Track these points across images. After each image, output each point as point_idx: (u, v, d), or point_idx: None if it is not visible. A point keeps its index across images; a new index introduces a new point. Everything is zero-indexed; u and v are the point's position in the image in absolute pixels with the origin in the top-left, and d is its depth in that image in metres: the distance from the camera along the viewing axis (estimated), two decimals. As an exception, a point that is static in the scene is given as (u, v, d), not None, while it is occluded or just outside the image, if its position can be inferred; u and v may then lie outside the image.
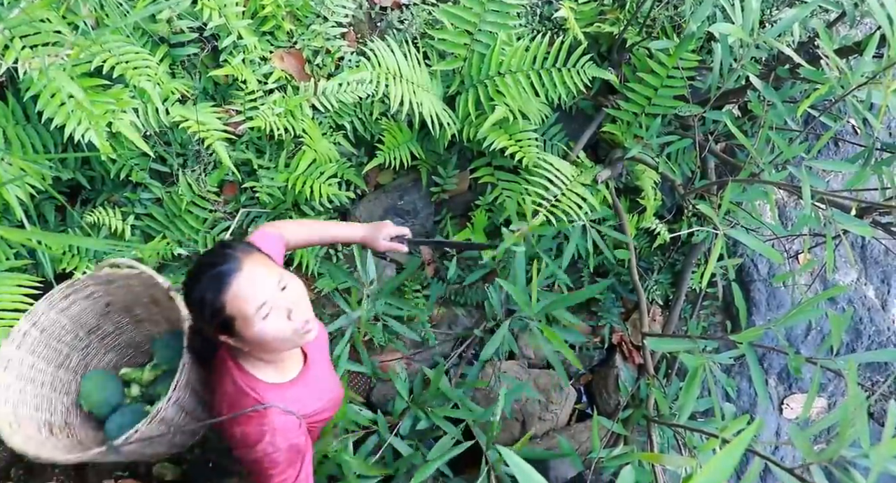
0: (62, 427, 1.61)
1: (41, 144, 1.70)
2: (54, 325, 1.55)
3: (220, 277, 1.16)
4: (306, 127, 1.99)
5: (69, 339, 1.62)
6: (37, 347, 1.55)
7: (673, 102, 2.17)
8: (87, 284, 1.53)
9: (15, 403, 1.48)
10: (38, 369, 1.57)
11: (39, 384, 1.58)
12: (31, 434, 1.47)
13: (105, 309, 1.65)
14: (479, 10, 2.04)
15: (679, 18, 2.19)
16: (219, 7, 1.79)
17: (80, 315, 1.60)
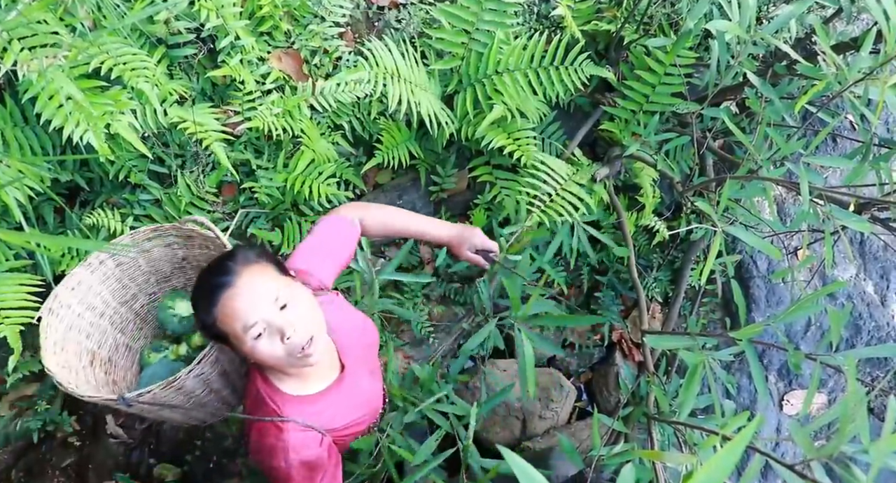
0: (104, 362, 1.64)
1: (39, 146, 1.70)
2: (132, 262, 1.59)
3: (211, 291, 1.12)
4: (304, 127, 1.99)
5: (141, 280, 1.68)
6: (108, 279, 1.59)
7: (671, 100, 2.17)
8: (170, 233, 1.58)
9: (69, 326, 1.51)
10: (102, 299, 1.61)
11: (99, 314, 1.62)
12: (70, 360, 1.48)
13: (181, 262, 1.70)
14: (477, 9, 2.04)
15: (676, 16, 2.19)
16: (216, 8, 1.79)
17: (158, 261, 1.65)
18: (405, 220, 1.60)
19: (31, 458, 2.17)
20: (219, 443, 2.24)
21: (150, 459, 2.22)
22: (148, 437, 2.24)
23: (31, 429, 2.06)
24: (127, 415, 2.24)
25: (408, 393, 1.97)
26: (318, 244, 1.44)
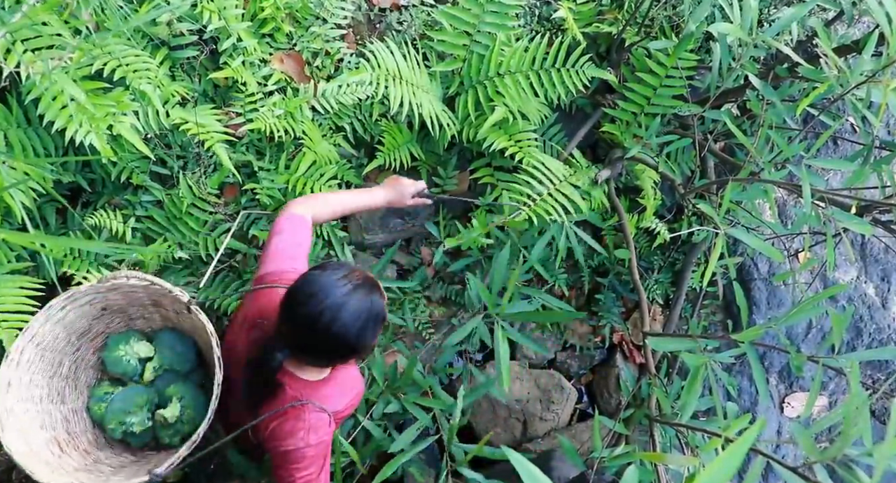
0: (67, 440, 1.59)
1: (42, 147, 1.70)
2: (49, 336, 1.53)
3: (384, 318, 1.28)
4: (306, 129, 1.99)
5: (62, 346, 1.60)
6: (33, 362, 1.52)
7: (672, 102, 2.17)
8: (88, 293, 1.52)
9: (23, 429, 1.45)
10: (34, 385, 1.54)
11: (38, 400, 1.55)
12: (47, 458, 1.46)
13: (100, 313, 1.64)
14: (478, 11, 2.04)
15: (678, 18, 2.19)
16: (219, 9, 1.79)
17: (74, 321, 1.58)
18: (344, 200, 1.73)
19: (32, 459, 2.17)
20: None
21: (152, 461, 2.22)
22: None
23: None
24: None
25: (392, 384, 2.01)
26: (287, 244, 1.52)
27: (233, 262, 2.15)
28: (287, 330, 1.26)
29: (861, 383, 2.65)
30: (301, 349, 1.29)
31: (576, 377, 2.80)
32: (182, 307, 1.52)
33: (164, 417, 1.63)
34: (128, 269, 1.91)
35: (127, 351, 1.67)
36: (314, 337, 1.23)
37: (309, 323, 1.21)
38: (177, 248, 1.95)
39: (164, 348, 1.70)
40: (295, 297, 1.24)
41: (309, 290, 1.22)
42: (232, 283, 2.19)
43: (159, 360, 1.69)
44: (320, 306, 1.20)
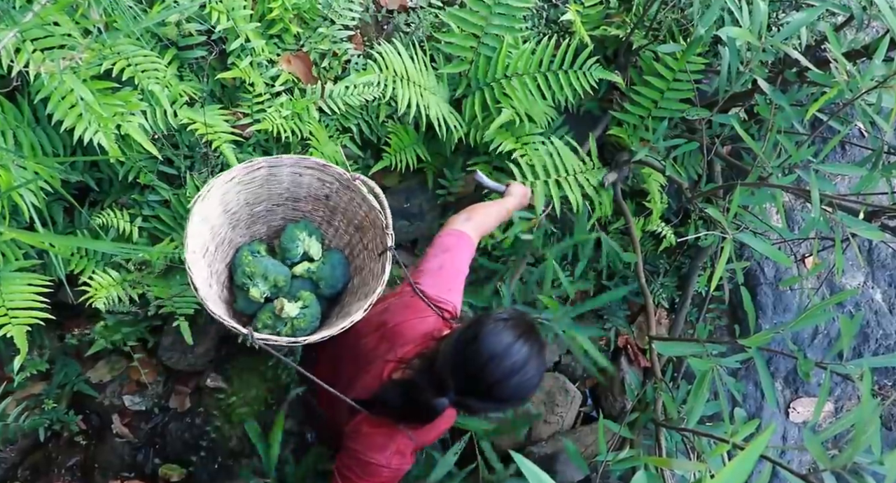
0: (209, 252, 1.73)
1: (50, 147, 1.71)
2: (280, 178, 1.68)
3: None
4: (313, 129, 1.99)
5: (276, 193, 1.77)
6: (252, 183, 1.66)
7: (679, 105, 2.17)
8: (331, 175, 1.66)
9: (203, 217, 1.58)
10: (236, 199, 1.69)
11: (224, 211, 1.69)
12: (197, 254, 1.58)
13: (323, 199, 1.81)
14: (486, 13, 2.04)
15: (686, 21, 2.19)
16: (227, 10, 1.79)
17: (302, 187, 1.74)
18: (496, 212, 1.73)
19: (37, 456, 2.17)
20: (224, 444, 2.24)
21: (156, 459, 2.23)
22: (154, 438, 2.24)
23: (38, 426, 2.06)
24: (133, 415, 2.25)
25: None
26: (450, 269, 1.52)
27: (239, 263, 2.15)
28: (456, 383, 1.23)
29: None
30: (464, 402, 1.26)
31: (580, 380, 2.79)
32: (378, 246, 1.67)
33: (282, 306, 1.76)
34: (136, 267, 1.92)
35: (304, 240, 1.85)
36: (489, 399, 1.22)
37: (487, 387, 1.20)
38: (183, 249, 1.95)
39: (329, 262, 1.86)
40: (471, 357, 1.21)
41: (487, 352, 1.20)
42: (237, 283, 2.19)
43: (318, 268, 1.85)
44: (500, 372, 1.19)
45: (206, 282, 1.63)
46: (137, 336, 2.14)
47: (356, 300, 1.75)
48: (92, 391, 2.18)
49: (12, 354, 1.68)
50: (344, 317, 1.60)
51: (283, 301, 1.77)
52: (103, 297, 1.77)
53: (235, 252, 1.86)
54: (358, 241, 1.86)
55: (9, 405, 2.01)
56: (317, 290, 1.87)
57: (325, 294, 1.87)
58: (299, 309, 1.78)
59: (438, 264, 1.51)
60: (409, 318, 1.45)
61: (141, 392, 2.25)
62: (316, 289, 1.87)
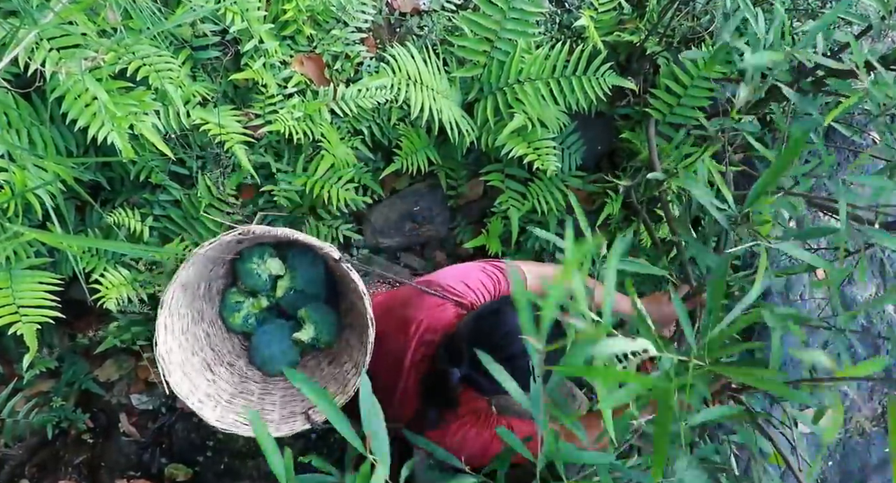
0: (213, 358, 1.73)
1: (64, 145, 1.71)
2: (192, 273, 1.63)
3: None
4: (325, 131, 1.99)
5: (200, 275, 1.72)
6: (179, 298, 1.63)
7: (694, 113, 2.15)
8: (232, 237, 1.59)
9: (181, 362, 1.57)
10: (180, 316, 1.65)
11: (184, 329, 1.67)
12: (206, 389, 1.58)
13: (237, 243, 1.75)
14: (500, 17, 2.04)
15: (701, 29, 2.18)
16: (241, 11, 1.80)
17: (212, 255, 1.68)
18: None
19: (44, 454, 2.18)
20: (231, 444, 2.24)
21: (162, 459, 2.23)
22: (160, 437, 2.25)
23: (46, 423, 2.07)
24: (140, 414, 2.25)
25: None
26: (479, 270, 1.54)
27: (248, 263, 2.16)
28: (471, 356, 1.24)
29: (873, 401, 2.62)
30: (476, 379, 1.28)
31: (587, 386, 2.78)
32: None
33: (300, 340, 1.79)
34: (146, 266, 1.92)
35: (259, 265, 1.82)
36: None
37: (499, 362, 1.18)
38: (193, 248, 1.96)
39: (297, 270, 1.84)
40: (489, 330, 1.23)
41: (506, 327, 1.21)
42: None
43: (291, 281, 1.84)
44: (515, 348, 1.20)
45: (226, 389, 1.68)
46: (147, 335, 2.15)
47: (352, 294, 1.73)
48: (100, 390, 2.19)
49: (22, 352, 1.68)
50: (357, 315, 1.63)
51: (297, 338, 1.78)
52: (114, 297, 1.78)
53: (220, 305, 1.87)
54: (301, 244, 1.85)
55: (18, 402, 2.01)
56: (309, 300, 1.84)
57: (318, 296, 1.86)
58: (313, 329, 1.78)
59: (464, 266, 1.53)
60: (429, 312, 1.45)
61: (148, 391, 2.25)
62: (308, 296, 1.85)
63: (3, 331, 1.63)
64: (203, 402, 1.52)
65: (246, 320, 1.85)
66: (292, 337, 1.82)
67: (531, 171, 2.26)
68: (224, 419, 1.51)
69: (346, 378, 1.62)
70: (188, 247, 1.95)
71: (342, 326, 1.87)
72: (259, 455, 2.26)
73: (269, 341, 1.82)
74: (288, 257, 1.88)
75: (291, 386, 1.78)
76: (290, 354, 1.83)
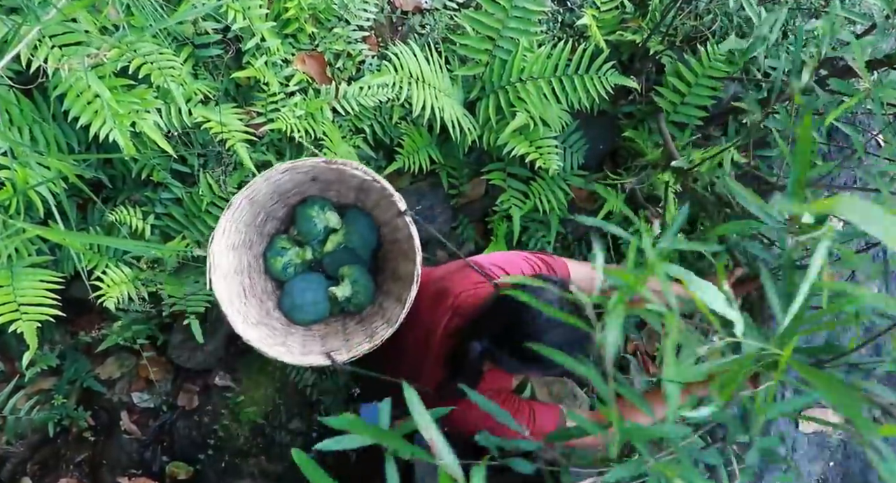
0: (249, 286, 1.75)
1: (65, 143, 1.71)
2: (262, 192, 1.65)
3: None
4: (326, 130, 1.99)
5: (265, 200, 1.74)
6: (243, 211, 1.64)
7: (697, 111, 2.15)
8: (309, 166, 1.59)
9: (225, 274, 1.58)
10: (237, 231, 1.67)
11: (236, 246, 1.69)
12: (238, 307, 1.59)
13: (309, 181, 1.76)
14: (502, 16, 2.03)
15: (703, 28, 2.18)
16: (243, 9, 1.79)
17: (285, 184, 1.70)
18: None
19: (46, 452, 2.18)
20: (232, 443, 2.24)
21: (163, 457, 2.23)
22: (161, 435, 2.25)
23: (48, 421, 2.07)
24: (141, 412, 2.25)
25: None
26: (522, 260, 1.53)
27: (249, 262, 2.15)
28: (491, 331, 1.26)
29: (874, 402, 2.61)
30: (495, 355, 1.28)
31: (589, 385, 2.78)
32: (391, 208, 1.62)
33: (335, 295, 1.80)
34: (148, 264, 1.92)
35: (319, 214, 1.84)
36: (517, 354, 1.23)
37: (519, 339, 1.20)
38: (195, 246, 1.96)
39: (353, 229, 1.86)
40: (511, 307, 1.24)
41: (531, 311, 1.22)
42: (248, 282, 2.19)
43: (345, 237, 1.87)
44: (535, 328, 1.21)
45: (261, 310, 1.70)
46: (147, 333, 2.15)
47: (398, 253, 1.77)
48: (101, 388, 2.19)
49: (23, 349, 1.68)
50: (397, 278, 1.67)
51: (332, 290, 1.80)
52: (115, 295, 1.78)
53: (263, 255, 1.89)
54: (364, 198, 1.88)
55: (20, 400, 2.01)
56: (356, 258, 1.88)
57: (365, 256, 1.89)
58: (350, 287, 1.80)
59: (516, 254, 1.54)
60: (467, 290, 1.46)
61: (149, 389, 2.25)
62: (355, 257, 1.88)
63: (4, 328, 1.63)
64: (234, 315, 1.52)
65: (286, 268, 1.85)
66: (329, 289, 1.82)
67: (533, 169, 2.26)
68: (249, 335, 1.50)
69: (375, 330, 1.61)
70: (189, 244, 1.95)
71: (378, 293, 1.88)
72: (260, 453, 2.27)
73: (305, 289, 1.81)
74: (345, 214, 1.90)
75: (312, 334, 1.79)
76: (321, 307, 1.82)
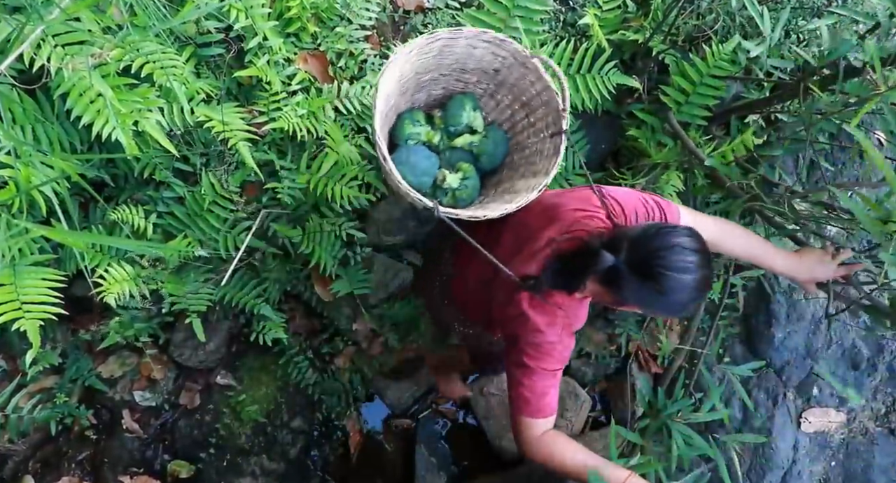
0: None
1: (68, 142, 1.72)
2: (445, 57, 1.69)
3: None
4: (329, 129, 1.99)
5: (445, 64, 1.77)
6: (426, 54, 1.65)
7: (701, 111, 2.15)
8: (506, 49, 1.62)
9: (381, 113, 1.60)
10: (409, 68, 1.69)
11: (396, 79, 1.69)
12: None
13: (491, 72, 1.81)
14: (504, 15, 2.03)
15: (706, 27, 2.17)
16: (246, 8, 1.79)
17: (470, 59, 1.74)
18: (750, 244, 1.61)
19: (48, 450, 2.19)
20: (233, 441, 2.24)
21: (165, 455, 2.24)
22: (163, 434, 2.25)
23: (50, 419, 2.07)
24: (143, 410, 2.26)
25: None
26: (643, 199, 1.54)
27: (252, 261, 2.16)
28: (628, 254, 1.27)
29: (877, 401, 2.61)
30: (620, 278, 1.29)
31: (590, 385, 2.78)
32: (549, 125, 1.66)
33: (444, 177, 1.84)
34: (150, 263, 1.92)
35: (469, 110, 1.89)
36: (646, 284, 1.25)
37: (654, 271, 1.23)
38: (197, 246, 1.96)
39: (491, 137, 1.92)
40: (657, 237, 1.26)
41: (674, 241, 1.24)
42: (250, 281, 2.19)
43: (480, 141, 1.92)
44: (673, 263, 1.22)
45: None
46: (149, 332, 2.15)
47: (518, 177, 1.79)
48: (103, 386, 2.19)
49: (25, 348, 1.69)
50: (510, 192, 1.69)
51: (444, 172, 1.82)
52: (115, 293, 1.78)
53: (396, 118, 1.91)
54: (522, 117, 1.88)
55: (22, 398, 2.02)
56: (476, 163, 1.91)
57: (484, 167, 1.92)
58: (460, 180, 1.84)
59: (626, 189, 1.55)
60: (584, 210, 1.47)
61: (151, 388, 2.26)
62: (475, 162, 1.91)
63: (6, 327, 1.63)
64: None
65: (409, 137, 1.89)
66: (441, 170, 1.85)
67: (535, 169, 2.26)
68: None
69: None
70: (191, 243, 1.95)
71: (478, 198, 1.92)
72: (261, 452, 2.27)
73: (425, 157, 1.84)
74: (488, 127, 1.94)
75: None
76: (425, 181, 1.85)
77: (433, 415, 2.75)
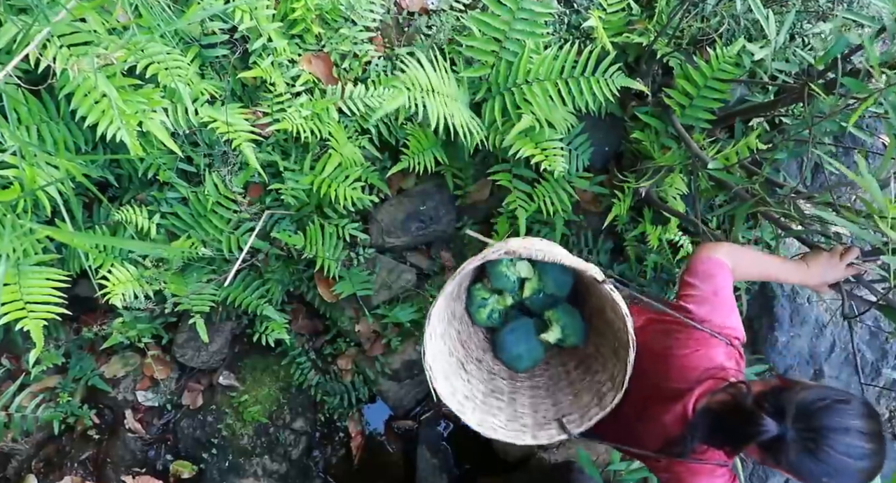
0: (465, 356, 1.75)
1: (72, 142, 1.72)
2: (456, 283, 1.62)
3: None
4: (332, 130, 1.99)
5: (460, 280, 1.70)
6: (441, 305, 1.57)
7: (705, 114, 2.14)
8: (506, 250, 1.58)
9: (443, 369, 1.56)
10: (439, 319, 1.60)
11: (442, 330, 1.65)
12: (463, 391, 1.59)
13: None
14: (509, 17, 2.03)
15: (710, 30, 2.17)
16: (250, 10, 1.80)
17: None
18: (762, 265, 1.57)
19: (50, 449, 2.19)
20: (235, 441, 2.24)
21: (167, 456, 2.24)
22: (165, 434, 2.25)
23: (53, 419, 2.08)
24: (146, 410, 2.26)
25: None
26: (725, 296, 1.43)
27: (255, 261, 2.16)
28: (796, 422, 1.16)
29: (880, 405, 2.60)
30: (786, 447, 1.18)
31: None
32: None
33: (547, 341, 1.82)
34: (153, 263, 1.93)
35: (509, 268, 1.84)
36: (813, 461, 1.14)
37: (822, 447, 1.13)
38: (200, 246, 1.96)
39: (547, 274, 1.86)
40: (827, 410, 1.16)
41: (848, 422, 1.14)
42: (253, 281, 2.20)
43: (539, 284, 1.86)
44: (844, 446, 1.13)
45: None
46: (152, 332, 2.15)
47: (599, 296, 1.67)
48: (106, 386, 2.20)
49: (29, 347, 1.69)
50: (602, 314, 1.66)
51: (544, 338, 1.81)
52: (120, 293, 1.78)
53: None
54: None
55: (25, 397, 2.02)
56: (555, 300, 1.87)
57: (562, 297, 1.88)
58: (561, 331, 1.82)
59: (712, 290, 1.41)
60: (697, 349, 1.37)
61: (154, 388, 2.26)
62: (554, 299, 1.87)
63: (10, 326, 1.64)
64: (463, 404, 1.53)
65: (490, 315, 1.88)
66: (539, 337, 1.83)
67: (538, 171, 2.26)
68: (484, 423, 1.50)
69: (602, 391, 1.56)
70: (195, 244, 1.96)
71: (588, 329, 1.87)
72: (263, 452, 2.27)
73: (516, 340, 1.83)
74: (536, 264, 1.87)
75: (538, 385, 1.78)
76: (536, 352, 1.84)
77: (435, 416, 2.75)
